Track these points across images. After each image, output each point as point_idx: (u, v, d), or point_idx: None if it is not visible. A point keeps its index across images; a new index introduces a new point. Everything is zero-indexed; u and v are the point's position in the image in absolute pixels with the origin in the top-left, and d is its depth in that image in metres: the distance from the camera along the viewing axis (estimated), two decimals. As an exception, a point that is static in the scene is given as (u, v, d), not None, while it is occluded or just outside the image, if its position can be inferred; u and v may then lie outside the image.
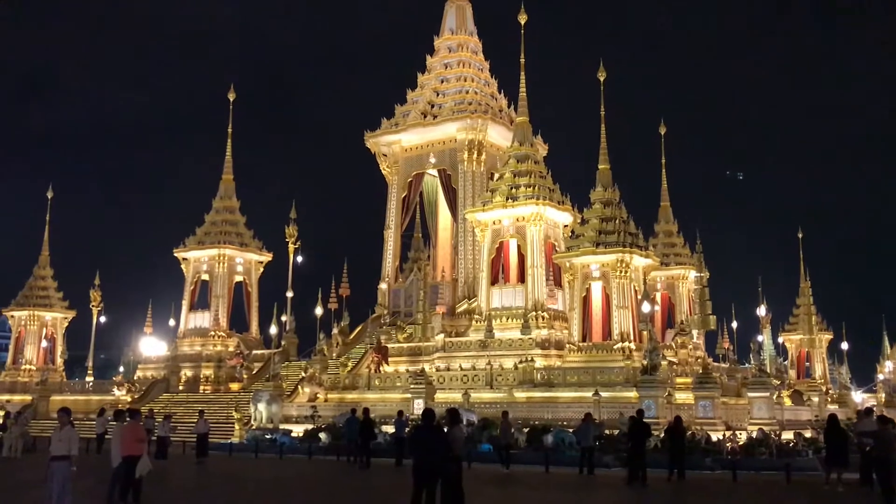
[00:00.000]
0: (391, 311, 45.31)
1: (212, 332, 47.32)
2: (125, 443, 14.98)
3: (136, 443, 15.01)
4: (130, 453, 14.83)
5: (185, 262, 49.25)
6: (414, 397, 30.60)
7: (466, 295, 42.60)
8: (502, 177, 37.39)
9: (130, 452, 14.84)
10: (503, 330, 34.78)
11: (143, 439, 15.49)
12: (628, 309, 33.06)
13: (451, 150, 45.16)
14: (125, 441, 15.01)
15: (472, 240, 41.73)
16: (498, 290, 36.35)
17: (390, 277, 46.45)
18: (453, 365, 34.25)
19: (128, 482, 14.81)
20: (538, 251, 35.60)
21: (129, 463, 14.79)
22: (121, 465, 14.86)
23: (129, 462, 14.80)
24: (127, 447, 14.90)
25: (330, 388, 35.59)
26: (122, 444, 14.97)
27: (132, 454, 14.82)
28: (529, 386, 31.14)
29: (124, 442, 15.00)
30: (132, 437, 15.05)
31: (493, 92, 47.73)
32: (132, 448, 14.88)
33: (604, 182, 35.51)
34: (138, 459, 14.78)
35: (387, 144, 47.29)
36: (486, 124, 44.17)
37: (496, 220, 36.67)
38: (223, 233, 48.73)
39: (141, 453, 14.92)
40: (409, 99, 47.76)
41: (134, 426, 15.42)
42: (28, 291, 53.69)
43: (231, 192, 50.40)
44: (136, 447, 14.93)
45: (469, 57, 48.03)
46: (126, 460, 14.84)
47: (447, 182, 45.28)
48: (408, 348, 38.58)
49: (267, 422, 33.01)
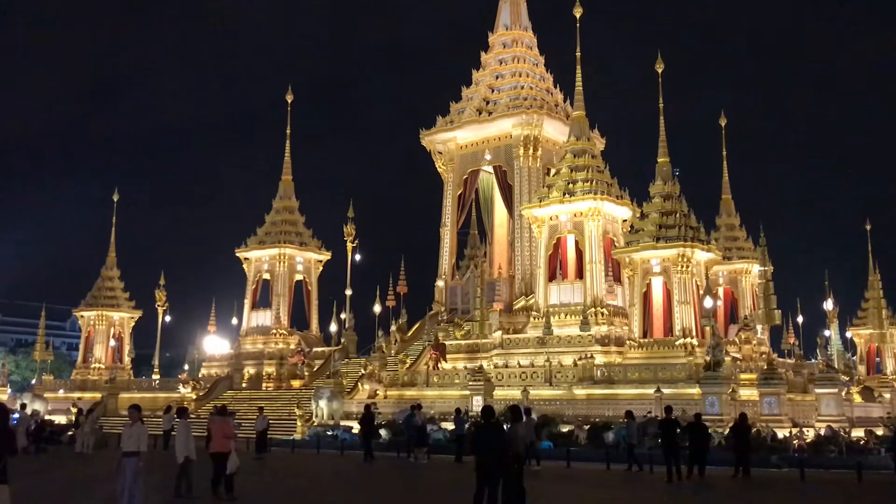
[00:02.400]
0: (448, 308, 45.38)
1: (273, 330, 48.05)
2: (215, 439, 15.42)
3: (225, 439, 15.41)
4: (219, 450, 15.26)
5: (247, 261, 50.14)
6: (472, 394, 30.60)
7: (523, 291, 42.39)
8: (559, 172, 37.11)
9: (219, 449, 15.27)
10: (561, 326, 34.54)
11: (232, 436, 15.91)
12: (690, 304, 32.49)
13: (507, 147, 44.97)
14: (215, 438, 15.44)
15: (529, 236, 41.52)
16: (556, 287, 36.10)
17: (447, 275, 46.52)
18: (511, 362, 34.15)
19: (217, 477, 15.18)
20: (596, 246, 35.24)
21: (219, 459, 15.18)
22: (186, 461, 15.23)
23: (218, 458, 15.20)
24: (216, 444, 15.33)
25: (389, 385, 35.82)
26: (213, 441, 15.41)
27: (221, 450, 15.22)
28: (589, 383, 30.87)
29: (214, 438, 15.44)
30: (221, 434, 15.45)
31: (548, 87, 47.38)
32: (221, 444, 15.29)
33: (663, 175, 34.94)
34: (227, 456, 15.15)
35: (442, 142, 47.33)
36: (541, 119, 43.86)
37: (553, 215, 36.41)
38: (283, 232, 49.47)
39: (230, 450, 15.31)
40: (464, 96, 47.72)
41: (223, 423, 15.81)
42: (96, 292, 55.34)
43: (290, 193, 51.11)
44: (225, 444, 15.33)
45: (524, 52, 47.75)
46: (215, 456, 15.27)
47: (503, 178, 45.12)
48: (465, 345, 38.60)
49: (328, 418, 33.39)
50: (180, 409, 18.21)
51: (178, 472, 15.35)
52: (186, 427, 15.90)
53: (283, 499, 17.09)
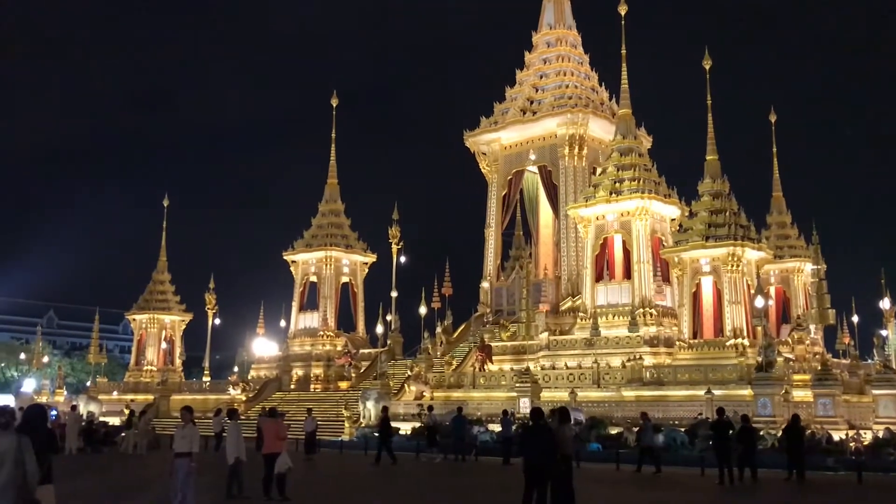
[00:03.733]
0: (494, 309, 45.26)
1: (320, 332, 48.46)
2: (267, 440, 15.62)
3: (277, 440, 15.59)
4: (271, 450, 15.46)
5: (294, 264, 50.69)
6: (519, 396, 30.45)
7: (570, 292, 42.08)
8: (605, 171, 36.76)
9: (272, 450, 15.48)
10: (609, 328, 34.19)
11: (284, 437, 16.09)
12: (741, 304, 31.91)
13: (552, 146, 44.70)
14: (267, 438, 15.65)
15: (575, 236, 41.20)
16: (603, 287, 35.75)
17: (492, 276, 46.38)
18: (558, 363, 33.90)
19: (269, 477, 15.35)
20: (644, 246, 34.83)
21: (271, 460, 15.35)
22: (237, 461, 15.40)
23: (270, 459, 15.37)
24: (268, 444, 15.53)
25: (436, 387, 35.82)
26: (265, 442, 15.60)
27: (273, 451, 15.39)
28: (638, 384, 30.49)
29: (266, 439, 15.65)
30: (273, 435, 15.64)
31: (593, 85, 46.98)
32: (273, 445, 15.49)
33: (712, 173, 34.37)
34: (278, 456, 15.31)
35: (486, 143, 47.24)
36: (586, 118, 43.51)
37: (599, 215, 36.07)
38: (329, 235, 49.90)
39: (281, 450, 15.48)
40: (508, 96, 47.56)
41: (275, 424, 16.01)
42: (148, 296, 56.48)
43: (336, 196, 51.53)
44: (277, 444, 15.51)
45: (568, 51, 47.43)
46: (267, 457, 15.45)
47: (548, 178, 44.86)
48: (511, 347, 38.44)
49: (375, 419, 33.44)
50: (231, 410, 18.44)
51: (229, 473, 15.54)
52: (237, 428, 16.08)
53: (333, 499, 17.18)
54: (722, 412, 20.18)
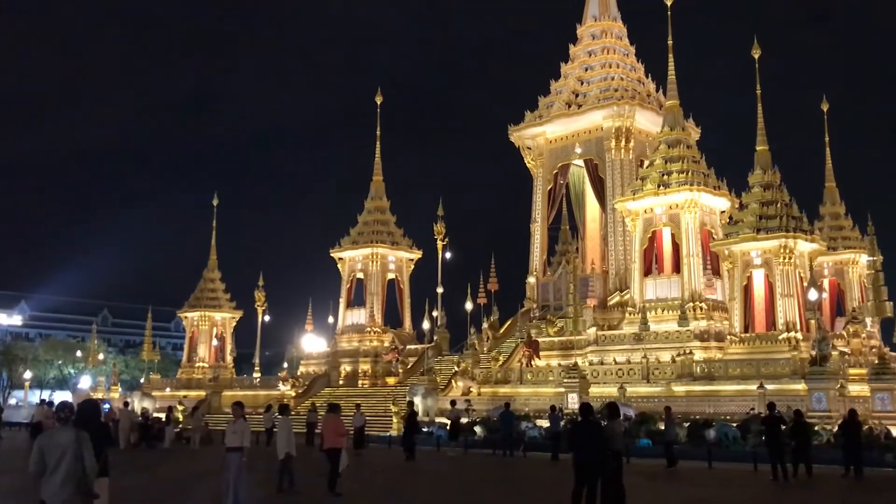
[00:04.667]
0: (540, 304, 45.03)
1: (368, 329, 48.78)
2: (327, 436, 15.78)
3: (338, 436, 15.74)
4: (332, 446, 15.59)
5: (341, 261, 51.11)
6: (567, 391, 30.28)
7: (618, 287, 41.68)
8: (653, 163, 36.31)
9: (332, 445, 15.61)
10: (658, 322, 33.79)
11: (344, 433, 16.22)
12: (794, 297, 31.26)
13: (598, 139, 44.29)
14: (327, 434, 15.81)
15: (623, 230, 40.77)
16: (652, 281, 35.34)
17: (538, 271, 46.14)
18: (607, 359, 33.63)
19: (334, 472, 15.47)
20: (694, 239, 34.33)
21: (333, 455, 15.49)
22: (287, 456, 15.58)
23: (332, 454, 15.52)
24: (329, 440, 15.66)
25: (483, 382, 35.80)
26: (325, 438, 15.75)
27: (334, 447, 15.54)
28: (689, 379, 30.10)
29: (326, 435, 15.81)
30: (334, 431, 15.78)
31: (639, 77, 46.41)
32: (334, 441, 15.63)
33: (763, 164, 33.71)
34: (340, 452, 15.46)
35: (531, 137, 46.98)
36: (633, 110, 43.00)
37: (648, 208, 35.65)
38: (375, 232, 50.20)
39: (342, 446, 15.61)
40: (553, 90, 47.23)
41: (335, 420, 16.14)
42: (199, 294, 57.46)
43: (381, 193, 51.80)
44: (337, 440, 15.66)
45: (613, 43, 46.91)
46: (328, 452, 15.60)
47: (594, 172, 44.45)
48: (559, 342, 38.21)
49: (423, 415, 33.58)
50: (282, 406, 18.65)
51: (280, 468, 15.72)
52: (288, 424, 16.26)
53: (384, 493, 17.28)
54: (773, 407, 19.81)
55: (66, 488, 7.41)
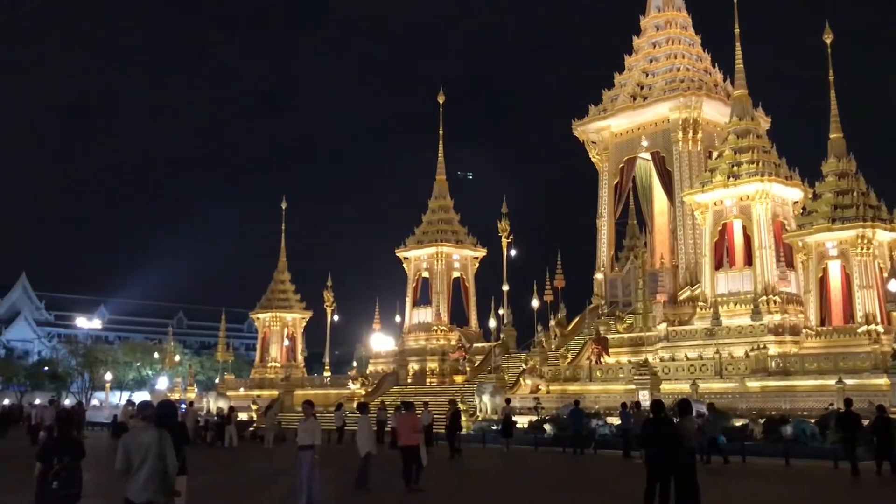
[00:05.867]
0: (608, 301, 44.53)
1: (434, 327, 49.03)
2: (403, 433, 16.00)
3: (413, 433, 15.94)
4: (408, 443, 15.83)
5: (407, 260, 51.50)
6: (638, 388, 29.86)
7: (688, 281, 40.94)
8: (721, 154, 35.53)
9: (408, 442, 15.86)
10: (731, 316, 33.06)
11: (420, 430, 16.44)
12: (873, 288, 30.20)
13: (664, 132, 43.55)
14: (403, 432, 16.03)
15: (692, 223, 40.02)
16: (723, 275, 34.59)
17: (606, 267, 45.65)
18: (678, 355, 33.05)
19: (409, 469, 15.73)
20: (766, 231, 33.47)
21: (408, 452, 15.75)
22: (367, 454, 15.79)
23: (407, 451, 15.76)
24: (405, 437, 15.89)
25: (551, 380, 35.59)
26: (401, 435, 16.00)
27: (410, 444, 15.77)
28: (763, 375, 29.37)
29: (402, 432, 16.05)
30: (410, 428, 16.00)
31: (706, 67, 45.48)
32: (410, 438, 15.84)
33: (837, 152, 32.64)
34: (416, 448, 15.65)
35: (595, 131, 46.50)
36: (700, 101, 42.17)
37: (717, 200, 34.90)
38: (440, 231, 50.43)
39: (418, 443, 15.81)
40: (617, 83, 46.64)
41: (411, 417, 16.38)
42: (270, 295, 58.65)
43: (445, 192, 52.01)
44: (413, 437, 15.88)
45: (678, 33, 46.07)
46: (404, 449, 15.87)
47: (661, 165, 43.75)
48: (628, 339, 37.71)
49: (492, 413, 33.62)
50: (360, 404, 18.90)
51: (362, 465, 15.90)
52: (367, 422, 16.49)
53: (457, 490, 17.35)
54: (849, 403, 19.24)
55: (150, 486, 7.65)
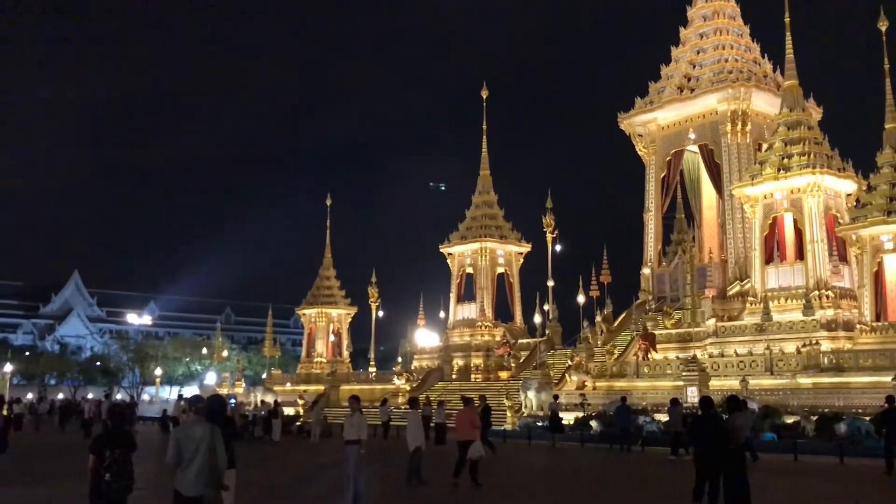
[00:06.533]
0: (656, 296, 43.99)
1: (478, 323, 48.99)
2: (461, 428, 16.07)
3: (471, 428, 16.00)
4: (465, 438, 15.89)
5: (450, 256, 51.51)
6: (686, 385, 29.46)
7: (737, 276, 40.23)
8: (771, 147, 34.81)
9: (465, 437, 15.92)
10: (781, 312, 32.41)
11: (477, 425, 16.48)
12: (931, 283, 29.34)
13: (712, 124, 42.83)
14: (460, 426, 16.10)
15: (741, 217, 39.32)
16: (773, 270, 33.92)
17: (653, 262, 45.08)
18: (727, 350, 32.50)
19: (461, 463, 15.77)
20: (818, 224, 32.72)
21: (464, 446, 15.80)
22: (417, 449, 15.83)
23: (465, 446, 15.81)
24: (462, 432, 15.94)
25: (597, 376, 35.30)
26: (459, 430, 16.09)
27: (467, 438, 15.83)
28: (815, 371, 28.72)
29: (460, 427, 16.13)
30: (467, 423, 16.04)
31: (755, 57, 44.59)
32: (467, 433, 15.89)
33: (893, 143, 31.74)
34: (472, 443, 15.71)
35: (642, 124, 45.92)
36: (749, 92, 41.36)
37: (767, 193, 34.21)
38: (483, 227, 50.34)
39: (475, 438, 15.86)
40: (664, 74, 45.98)
41: (469, 413, 16.43)
42: (316, 291, 59.27)
43: (489, 187, 51.89)
44: (471, 432, 15.94)
45: (726, 23, 45.23)
46: (462, 445, 15.91)
47: (709, 157, 43.03)
48: (676, 334, 37.21)
49: (537, 409, 33.50)
50: (411, 399, 19.01)
51: (411, 460, 15.94)
52: (417, 417, 16.53)
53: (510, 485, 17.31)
54: (892, 400, 18.73)
55: (201, 479, 7.72)
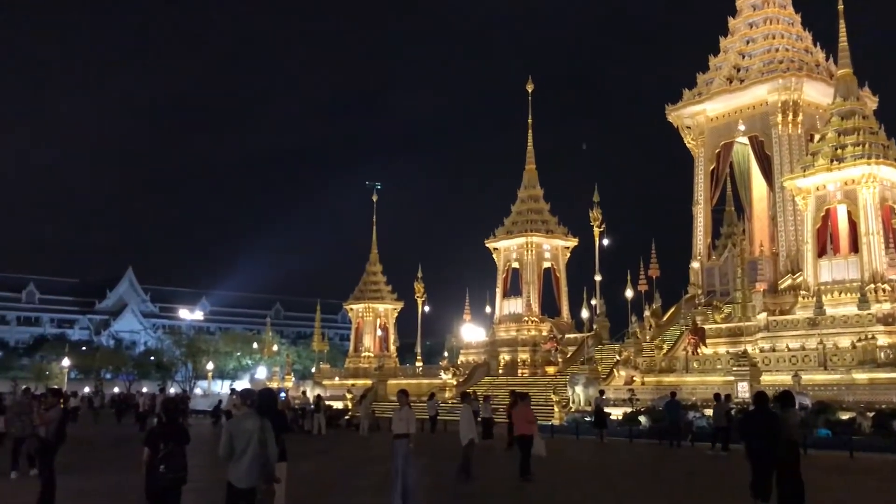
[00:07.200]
0: (705, 290, 43.40)
1: (525, 318, 48.87)
2: (518, 424, 16.23)
3: (528, 423, 16.14)
4: (523, 433, 16.05)
5: (496, 251, 51.46)
6: (737, 380, 29.03)
7: (789, 269, 39.49)
8: (824, 137, 34.04)
9: (523, 432, 16.09)
10: (835, 305, 31.69)
11: (534, 420, 16.65)
12: None
13: (763, 115, 42.05)
14: (518, 422, 16.27)
15: (793, 209, 38.56)
16: (826, 263, 33.18)
17: (702, 255, 44.47)
18: (779, 345, 31.92)
19: (526, 459, 15.86)
20: (873, 216, 31.90)
21: (523, 442, 15.94)
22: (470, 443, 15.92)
23: (522, 441, 15.96)
24: (520, 427, 16.10)
25: (646, 372, 34.97)
26: (516, 425, 16.25)
27: (524, 433, 15.97)
28: (871, 366, 28.05)
29: (517, 423, 16.26)
30: (524, 419, 16.17)
31: (806, 46, 43.63)
32: (524, 428, 16.09)
33: (952, 131, 30.85)
34: (531, 438, 15.79)
35: (690, 116, 45.30)
36: (800, 82, 40.50)
37: (820, 185, 33.48)
38: (529, 221, 50.19)
39: (533, 433, 15.97)
40: (712, 65, 45.28)
41: (525, 409, 16.49)
42: (363, 286, 59.74)
43: (534, 181, 51.69)
44: (528, 427, 16.10)
45: (776, 12, 44.33)
46: (518, 439, 16.13)
47: (759, 149, 42.27)
48: (726, 329, 36.62)
49: (585, 404, 33.32)
50: (463, 394, 19.11)
51: (463, 454, 16.02)
52: (469, 411, 16.63)
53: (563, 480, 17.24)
54: None
55: (252, 472, 7.88)
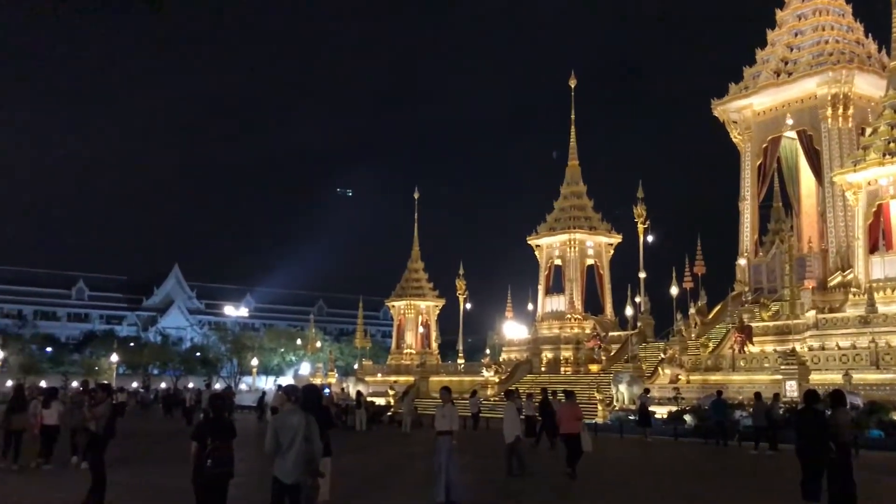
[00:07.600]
0: (752, 287, 42.64)
1: (568, 315, 48.59)
2: (564, 421, 16.22)
3: (575, 421, 16.18)
4: (569, 431, 16.09)
5: (538, 248, 51.23)
6: (785, 378, 28.53)
7: (839, 266, 38.60)
8: (876, 130, 33.21)
9: (569, 430, 16.11)
10: (887, 303, 30.92)
11: (580, 418, 16.68)
12: None
13: (811, 108, 41.15)
14: (564, 420, 16.27)
15: (843, 204, 37.69)
16: (878, 259, 32.40)
17: (749, 252, 43.72)
18: (828, 344, 31.25)
19: (573, 456, 15.88)
20: (927, 211, 31.09)
21: (570, 439, 15.99)
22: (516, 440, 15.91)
23: (569, 439, 16.02)
24: (566, 425, 16.16)
25: (691, 370, 34.53)
26: (562, 423, 16.21)
27: (571, 432, 16.00)
28: (926, 366, 27.33)
29: (563, 420, 16.27)
30: (570, 416, 16.18)
31: (858, 38, 42.58)
32: (571, 426, 16.07)
33: None
34: (578, 436, 15.78)
35: (736, 110, 44.53)
36: (851, 75, 39.55)
37: (871, 179, 32.67)
38: (572, 218, 49.88)
39: (580, 430, 15.96)
40: (759, 59, 44.46)
41: (571, 406, 16.50)
42: (404, 283, 59.97)
43: (577, 178, 51.34)
44: (574, 425, 16.11)
45: (825, 3, 43.31)
46: (564, 437, 16.16)
47: (808, 143, 41.39)
48: (774, 327, 35.99)
49: (629, 403, 33.03)
50: (507, 391, 19.12)
51: (508, 452, 16.00)
52: (514, 408, 16.61)
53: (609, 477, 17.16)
54: None
55: (298, 467, 7.95)
